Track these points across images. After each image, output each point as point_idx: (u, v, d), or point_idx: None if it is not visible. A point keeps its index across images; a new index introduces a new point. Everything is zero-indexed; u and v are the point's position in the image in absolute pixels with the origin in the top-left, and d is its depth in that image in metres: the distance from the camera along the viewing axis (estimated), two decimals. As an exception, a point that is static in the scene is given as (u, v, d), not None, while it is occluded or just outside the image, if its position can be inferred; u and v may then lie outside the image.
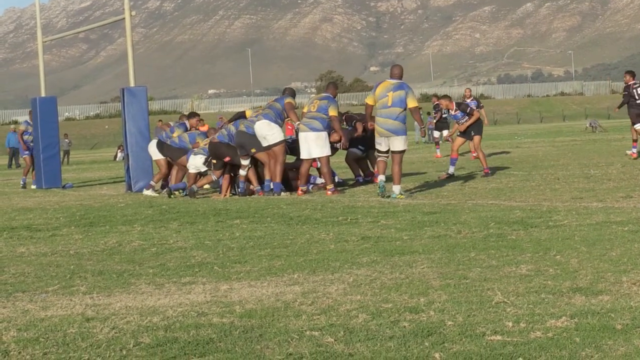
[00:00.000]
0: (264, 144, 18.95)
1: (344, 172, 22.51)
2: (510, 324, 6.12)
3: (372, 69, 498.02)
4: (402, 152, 16.73)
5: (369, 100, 17.15)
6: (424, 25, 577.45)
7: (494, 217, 12.33)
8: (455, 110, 22.27)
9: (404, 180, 18.53)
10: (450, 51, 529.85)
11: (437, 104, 32.82)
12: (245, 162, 19.10)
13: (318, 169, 19.42)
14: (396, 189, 16.50)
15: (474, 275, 8.06)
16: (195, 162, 20.12)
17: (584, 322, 6.06)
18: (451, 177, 20.76)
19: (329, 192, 18.07)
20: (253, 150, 18.91)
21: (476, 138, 22.27)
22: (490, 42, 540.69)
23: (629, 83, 25.47)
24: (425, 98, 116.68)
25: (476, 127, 22.17)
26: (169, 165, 21.48)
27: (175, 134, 21.45)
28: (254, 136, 18.97)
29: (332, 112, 18.62)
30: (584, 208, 13.00)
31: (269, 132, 18.87)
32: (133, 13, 24.86)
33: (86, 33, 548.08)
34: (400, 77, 16.95)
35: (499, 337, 5.80)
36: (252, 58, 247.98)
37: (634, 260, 8.40)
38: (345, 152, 20.69)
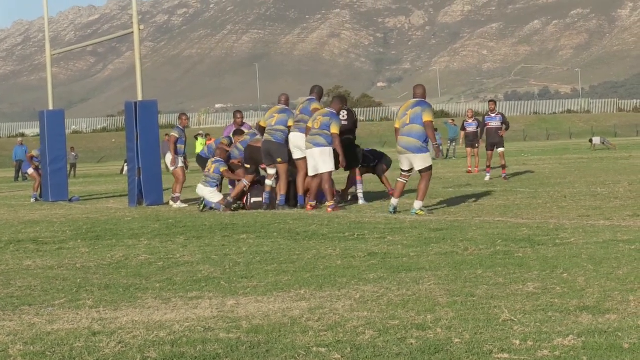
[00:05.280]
0: (297, 155, 18.92)
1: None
2: (518, 342, 6.11)
3: (379, 84, 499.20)
4: (428, 169, 16.72)
5: (396, 124, 17.19)
6: (431, 41, 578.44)
7: (500, 235, 12.32)
8: None
9: (410, 196, 18.50)
10: (457, 68, 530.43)
11: None
12: (271, 171, 19.16)
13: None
14: (417, 204, 16.47)
15: (481, 292, 8.05)
16: (203, 192, 20.07)
17: (591, 341, 6.04)
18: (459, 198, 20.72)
19: (329, 209, 17.94)
20: (279, 160, 18.89)
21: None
22: (497, 59, 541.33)
23: None
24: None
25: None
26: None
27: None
28: (282, 145, 18.98)
29: (334, 130, 18.43)
30: (591, 226, 12.99)
31: (303, 144, 18.82)
32: (141, 27, 24.92)
33: (94, 46, 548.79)
34: (423, 97, 16.99)
35: (506, 355, 5.79)
36: (260, 73, 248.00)
37: (641, 279, 8.38)
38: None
